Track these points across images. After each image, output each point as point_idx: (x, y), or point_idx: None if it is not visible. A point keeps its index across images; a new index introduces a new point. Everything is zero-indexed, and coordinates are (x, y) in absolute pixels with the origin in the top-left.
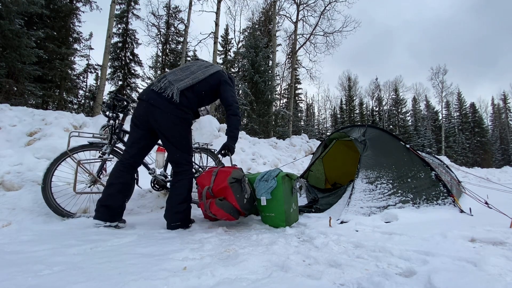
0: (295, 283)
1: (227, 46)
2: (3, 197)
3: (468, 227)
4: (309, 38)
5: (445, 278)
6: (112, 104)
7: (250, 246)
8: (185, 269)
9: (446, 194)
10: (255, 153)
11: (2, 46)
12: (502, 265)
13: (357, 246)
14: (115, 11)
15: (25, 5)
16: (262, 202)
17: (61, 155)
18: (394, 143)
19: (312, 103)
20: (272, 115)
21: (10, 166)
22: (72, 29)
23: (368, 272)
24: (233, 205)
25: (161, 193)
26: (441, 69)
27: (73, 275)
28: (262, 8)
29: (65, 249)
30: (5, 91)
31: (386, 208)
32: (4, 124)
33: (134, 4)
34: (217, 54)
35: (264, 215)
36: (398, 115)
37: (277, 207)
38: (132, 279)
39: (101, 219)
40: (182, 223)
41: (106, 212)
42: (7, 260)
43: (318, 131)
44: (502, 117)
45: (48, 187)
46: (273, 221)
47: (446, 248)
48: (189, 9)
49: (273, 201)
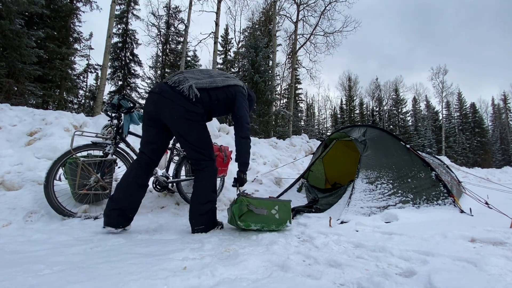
0: (295, 283)
1: (227, 46)
2: (3, 197)
3: (468, 227)
4: (309, 38)
5: (445, 278)
6: (116, 104)
7: (250, 246)
8: (185, 269)
9: (446, 194)
10: (255, 153)
11: (3, 46)
12: (502, 265)
13: (357, 246)
14: (115, 11)
15: (25, 5)
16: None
17: (64, 154)
18: (394, 143)
19: (312, 103)
20: (272, 115)
21: (10, 166)
22: (72, 29)
23: (368, 272)
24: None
25: (161, 193)
26: (441, 69)
27: (73, 275)
28: (262, 8)
29: (65, 248)
30: (6, 91)
31: (386, 208)
32: (5, 124)
33: (134, 4)
34: (217, 54)
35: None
36: (398, 115)
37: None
38: (132, 279)
39: (113, 225)
40: (206, 226)
41: (119, 216)
42: (7, 260)
43: (318, 131)
44: (503, 117)
45: (51, 186)
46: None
47: (446, 248)
48: (189, 9)
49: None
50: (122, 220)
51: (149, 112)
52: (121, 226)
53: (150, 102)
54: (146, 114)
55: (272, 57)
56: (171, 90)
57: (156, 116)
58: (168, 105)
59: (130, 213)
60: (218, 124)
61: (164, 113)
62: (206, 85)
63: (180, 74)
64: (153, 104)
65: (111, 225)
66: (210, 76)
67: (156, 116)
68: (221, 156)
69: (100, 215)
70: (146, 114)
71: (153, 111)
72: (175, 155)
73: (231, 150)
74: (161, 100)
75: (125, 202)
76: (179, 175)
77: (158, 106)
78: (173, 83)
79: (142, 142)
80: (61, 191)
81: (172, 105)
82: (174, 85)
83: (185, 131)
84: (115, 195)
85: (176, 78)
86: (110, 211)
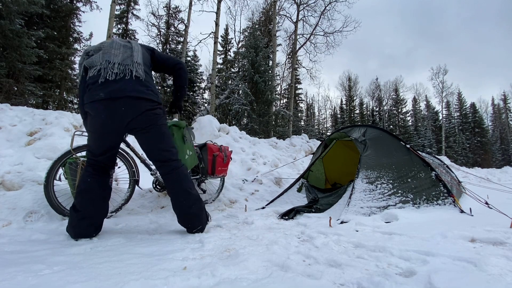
0: (295, 283)
1: (227, 46)
2: (3, 197)
3: (468, 227)
4: (309, 38)
5: (445, 278)
6: None
7: (250, 246)
8: (185, 269)
9: (446, 194)
10: (255, 153)
11: (3, 46)
12: (502, 265)
13: (357, 246)
14: (115, 11)
15: (25, 5)
16: None
17: (64, 154)
18: (394, 143)
19: (312, 103)
20: (272, 115)
21: (10, 165)
22: (72, 29)
23: (368, 272)
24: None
25: (161, 193)
26: (441, 69)
27: (73, 275)
28: (262, 8)
29: (65, 248)
30: (6, 91)
31: (386, 208)
32: (5, 124)
33: (134, 4)
34: (217, 54)
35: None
36: (398, 115)
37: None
38: (132, 278)
39: (86, 235)
40: (202, 225)
41: (89, 226)
42: (8, 260)
43: (318, 131)
44: (503, 117)
45: (51, 186)
46: None
47: (446, 248)
48: (189, 9)
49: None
50: (93, 229)
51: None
52: (94, 235)
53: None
54: (110, 125)
55: (272, 57)
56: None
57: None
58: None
59: (100, 220)
60: (218, 124)
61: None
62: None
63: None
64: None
65: (84, 236)
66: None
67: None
68: (221, 156)
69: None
70: (110, 125)
71: (123, 121)
72: None
73: (231, 150)
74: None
75: (92, 210)
76: None
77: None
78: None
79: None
80: (61, 191)
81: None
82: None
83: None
84: (79, 205)
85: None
86: (78, 221)
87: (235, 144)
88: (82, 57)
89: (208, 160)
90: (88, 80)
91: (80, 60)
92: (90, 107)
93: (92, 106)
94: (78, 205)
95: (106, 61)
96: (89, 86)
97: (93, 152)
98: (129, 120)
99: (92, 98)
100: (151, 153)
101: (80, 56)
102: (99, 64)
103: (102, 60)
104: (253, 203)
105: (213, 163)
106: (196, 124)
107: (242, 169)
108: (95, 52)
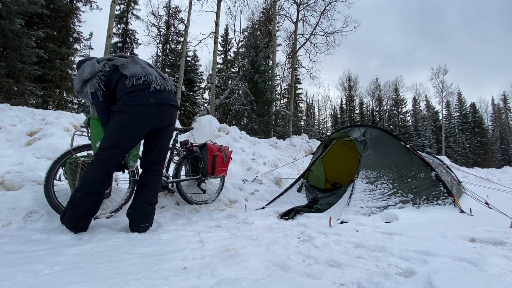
0: (295, 283)
1: (227, 46)
2: (3, 197)
3: (468, 227)
4: (309, 38)
5: (445, 278)
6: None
7: (250, 246)
8: (185, 269)
9: (446, 194)
10: (255, 153)
11: (3, 46)
12: (502, 265)
13: (357, 246)
14: (115, 11)
15: (25, 5)
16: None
17: (64, 153)
18: (395, 143)
19: (312, 103)
20: (272, 115)
21: (10, 166)
22: (72, 29)
23: (368, 272)
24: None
25: (161, 193)
26: (441, 69)
27: (73, 275)
28: (262, 8)
29: (65, 248)
30: (6, 91)
31: (386, 208)
32: (5, 124)
33: (134, 4)
34: (217, 54)
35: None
36: (398, 115)
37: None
38: (132, 278)
39: (84, 229)
40: (150, 224)
41: (88, 222)
42: (8, 260)
43: (318, 131)
44: (502, 117)
45: (51, 186)
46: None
47: (446, 248)
48: (189, 9)
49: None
50: (88, 223)
51: (159, 122)
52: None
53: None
54: (149, 124)
55: (272, 57)
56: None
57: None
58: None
59: (93, 215)
60: (218, 124)
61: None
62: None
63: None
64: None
65: (82, 229)
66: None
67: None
68: (221, 156)
69: (100, 215)
70: (149, 124)
71: (163, 122)
72: (175, 155)
73: (231, 150)
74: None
75: (92, 207)
76: (179, 175)
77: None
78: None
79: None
80: (61, 191)
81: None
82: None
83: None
84: (79, 202)
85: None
86: (80, 218)
87: (235, 144)
88: (99, 64)
89: (208, 160)
90: (131, 86)
91: (97, 67)
92: (134, 109)
93: (137, 108)
94: (81, 202)
95: (148, 73)
96: (136, 92)
97: (112, 147)
98: (166, 123)
99: (143, 102)
100: (161, 150)
101: (90, 65)
102: (142, 76)
103: (144, 72)
104: (253, 203)
105: (213, 163)
106: (196, 124)
107: (242, 169)
108: (122, 63)
